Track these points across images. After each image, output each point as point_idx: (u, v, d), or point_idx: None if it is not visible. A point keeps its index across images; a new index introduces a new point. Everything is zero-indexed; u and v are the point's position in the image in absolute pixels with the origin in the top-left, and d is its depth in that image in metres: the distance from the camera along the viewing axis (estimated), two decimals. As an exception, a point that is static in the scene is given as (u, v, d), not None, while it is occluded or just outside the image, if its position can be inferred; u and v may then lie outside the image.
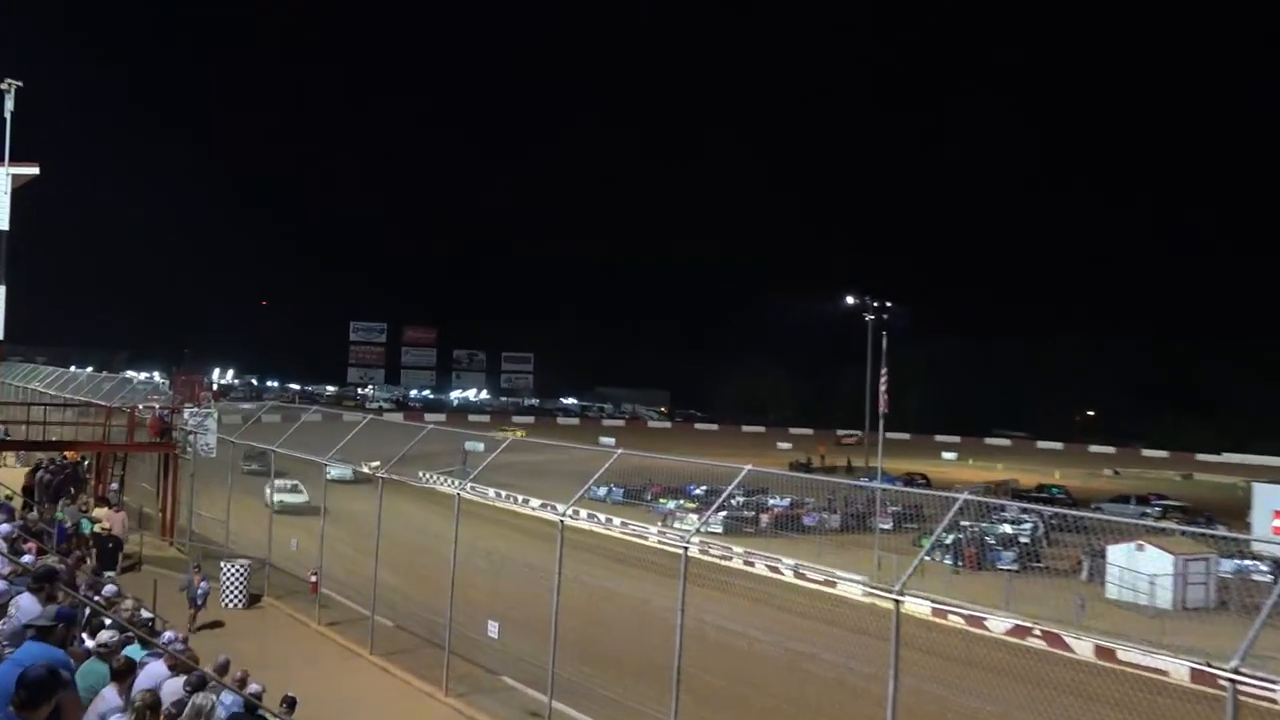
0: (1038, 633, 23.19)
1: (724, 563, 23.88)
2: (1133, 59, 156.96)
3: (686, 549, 15.49)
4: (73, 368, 64.76)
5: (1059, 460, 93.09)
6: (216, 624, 21.69)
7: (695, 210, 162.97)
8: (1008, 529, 35.12)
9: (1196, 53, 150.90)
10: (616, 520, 30.36)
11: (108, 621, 11.02)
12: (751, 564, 26.89)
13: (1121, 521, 31.94)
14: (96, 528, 24.07)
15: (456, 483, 23.81)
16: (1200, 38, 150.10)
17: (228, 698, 10.71)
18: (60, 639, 7.41)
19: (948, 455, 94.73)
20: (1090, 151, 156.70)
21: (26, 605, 8.73)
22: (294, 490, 36.77)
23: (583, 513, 23.36)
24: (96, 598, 13.55)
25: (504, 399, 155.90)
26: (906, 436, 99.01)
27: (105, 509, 25.14)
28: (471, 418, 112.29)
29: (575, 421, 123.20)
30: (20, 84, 25.23)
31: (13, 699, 5.92)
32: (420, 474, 28.02)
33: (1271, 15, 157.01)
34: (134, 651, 10.59)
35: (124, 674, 9.36)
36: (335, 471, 26.53)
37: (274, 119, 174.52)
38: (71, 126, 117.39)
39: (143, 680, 9.64)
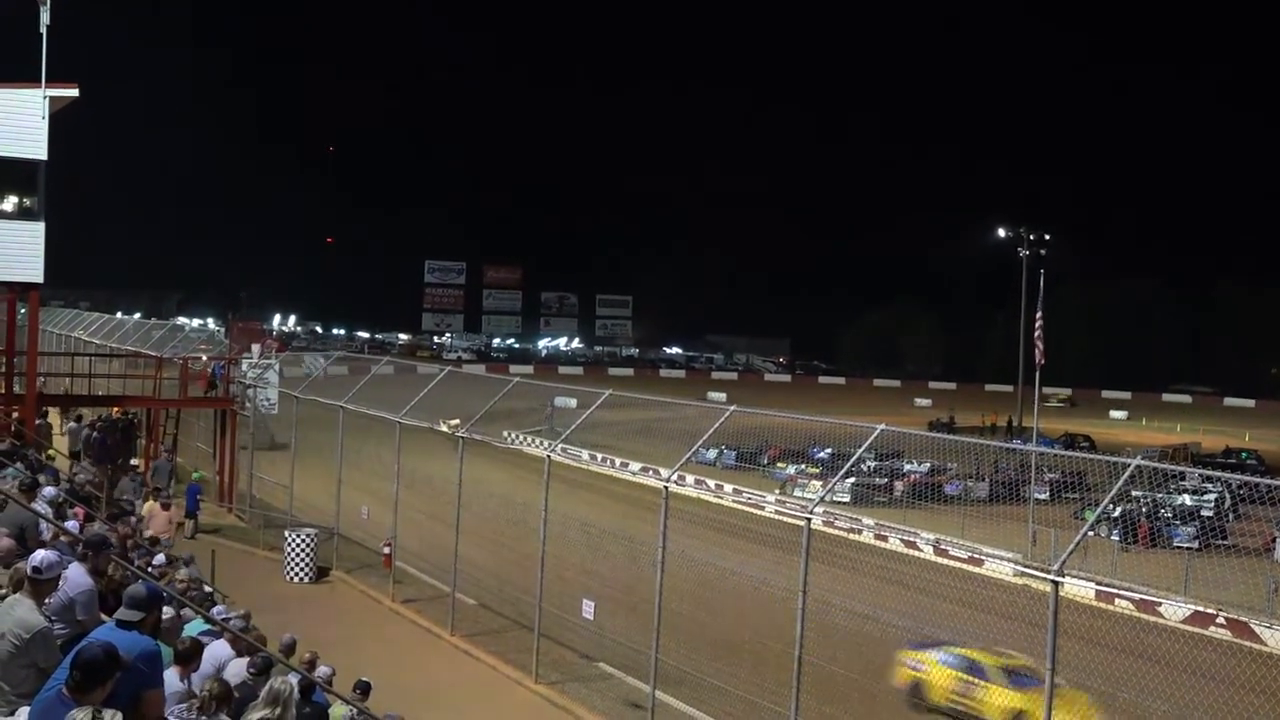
0: (1221, 621, 22.86)
1: (852, 536, 23.82)
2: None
3: (809, 520, 15.53)
4: (119, 314, 66.62)
5: (1251, 420, 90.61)
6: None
7: (815, 129, 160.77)
8: (1187, 500, 34.44)
9: None
10: (728, 487, 30.48)
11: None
12: (884, 538, 26.82)
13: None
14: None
15: (546, 444, 24.10)
16: None
17: (292, 679, 11.05)
18: (153, 626, 7.61)
19: (1116, 414, 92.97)
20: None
21: (75, 577, 9.01)
22: None
23: (689, 478, 23.49)
24: (150, 569, 14.06)
25: (598, 349, 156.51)
26: (1068, 392, 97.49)
27: (152, 503, 23.92)
28: (562, 369, 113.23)
29: (680, 374, 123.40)
30: None
31: (67, 680, 6.19)
32: (505, 434, 28.47)
33: None
34: (190, 628, 10.95)
35: (189, 657, 9.60)
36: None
37: (341, 43, 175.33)
38: (119, 47, 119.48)
39: (205, 662, 9.94)
